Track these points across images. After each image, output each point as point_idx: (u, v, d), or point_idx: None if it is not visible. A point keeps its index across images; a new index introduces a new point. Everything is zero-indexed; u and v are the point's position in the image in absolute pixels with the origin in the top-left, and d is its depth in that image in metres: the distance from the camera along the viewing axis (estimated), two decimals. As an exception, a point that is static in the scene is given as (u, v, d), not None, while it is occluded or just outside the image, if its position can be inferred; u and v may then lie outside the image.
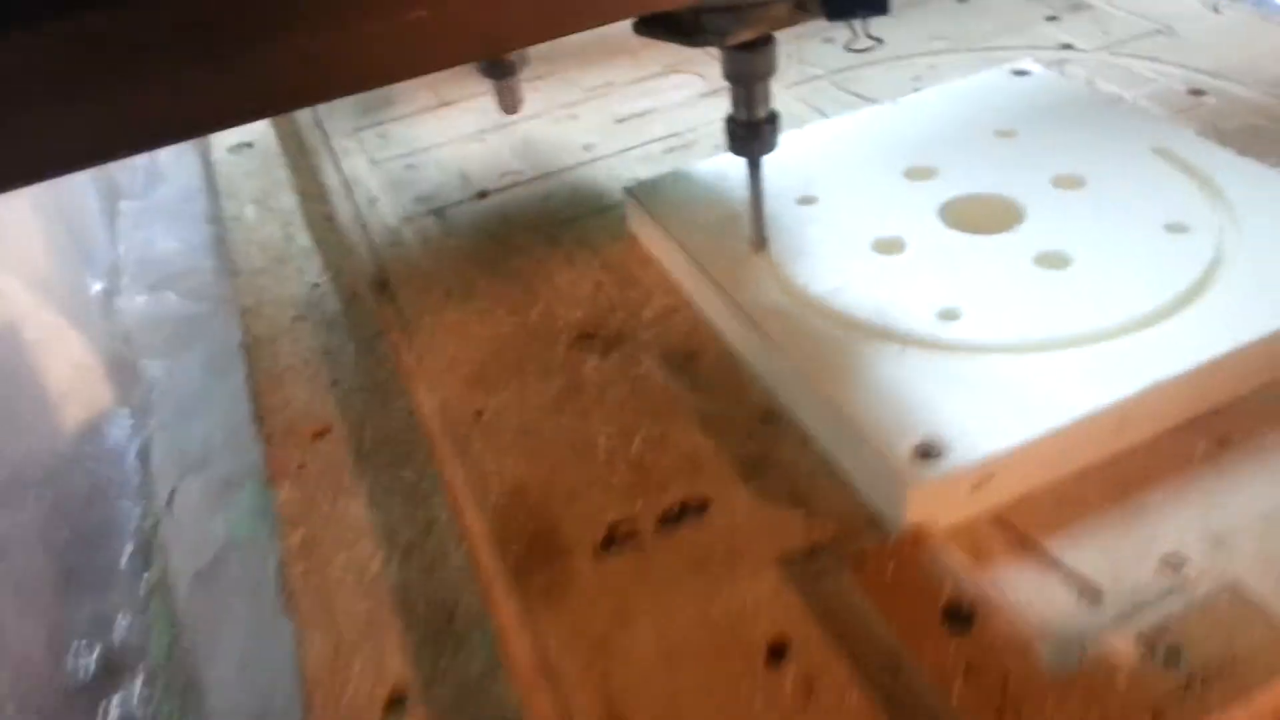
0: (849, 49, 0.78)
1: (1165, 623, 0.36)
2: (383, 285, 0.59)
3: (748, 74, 0.48)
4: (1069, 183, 0.53)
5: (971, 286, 0.48)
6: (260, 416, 0.52)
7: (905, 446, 0.40)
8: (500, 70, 0.48)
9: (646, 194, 0.58)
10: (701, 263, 0.52)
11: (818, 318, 0.47)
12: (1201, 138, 0.56)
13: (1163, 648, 0.35)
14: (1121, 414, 0.42)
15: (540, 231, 0.62)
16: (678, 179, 0.59)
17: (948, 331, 0.45)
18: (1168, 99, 0.67)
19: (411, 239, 0.63)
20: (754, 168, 0.51)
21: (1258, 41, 0.73)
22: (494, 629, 0.40)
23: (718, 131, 0.68)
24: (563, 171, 0.68)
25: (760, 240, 0.53)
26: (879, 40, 0.77)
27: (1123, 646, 0.35)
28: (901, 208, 0.53)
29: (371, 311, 0.58)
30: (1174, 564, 0.38)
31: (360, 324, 0.58)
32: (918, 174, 0.56)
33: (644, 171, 0.66)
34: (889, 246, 0.51)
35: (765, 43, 0.47)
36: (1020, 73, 0.65)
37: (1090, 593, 0.38)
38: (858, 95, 0.72)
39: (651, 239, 0.58)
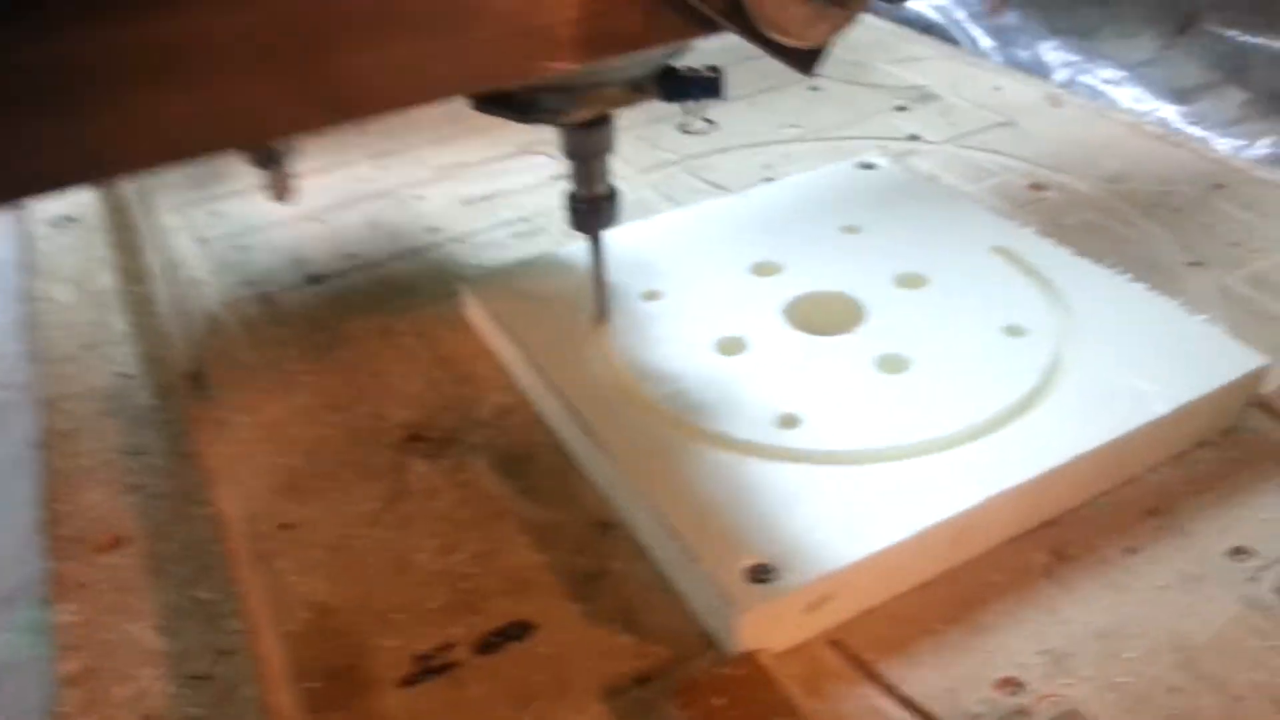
0: (683, 130, 0.77)
1: (1001, 756, 0.34)
2: (197, 378, 0.55)
3: (586, 152, 0.48)
4: (911, 281, 0.53)
5: (812, 391, 0.46)
6: (48, 524, 0.48)
7: (737, 568, 0.38)
8: (266, 159, 0.44)
9: (484, 286, 0.56)
10: (537, 361, 0.49)
11: (655, 423, 0.45)
12: (1041, 237, 0.57)
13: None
14: (959, 528, 0.40)
15: (374, 321, 0.59)
16: (517, 271, 0.57)
17: (787, 439, 0.44)
18: (1010, 193, 0.68)
19: (234, 327, 0.59)
20: (595, 243, 0.50)
21: (1095, 135, 0.75)
22: (287, 777, 0.36)
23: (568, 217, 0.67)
24: (405, 256, 0.65)
25: (602, 316, 0.51)
26: (713, 123, 0.77)
27: (957, 785, 0.33)
28: (746, 306, 0.52)
29: (184, 407, 0.54)
30: (1012, 689, 0.37)
31: (171, 421, 0.54)
32: (764, 270, 0.55)
33: (489, 257, 0.64)
34: (731, 347, 0.49)
35: (603, 121, 0.46)
36: (867, 165, 0.65)
37: (926, 722, 0.36)
38: (710, 183, 0.71)
39: (489, 333, 0.55)
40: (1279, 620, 0.39)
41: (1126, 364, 0.46)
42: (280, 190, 0.45)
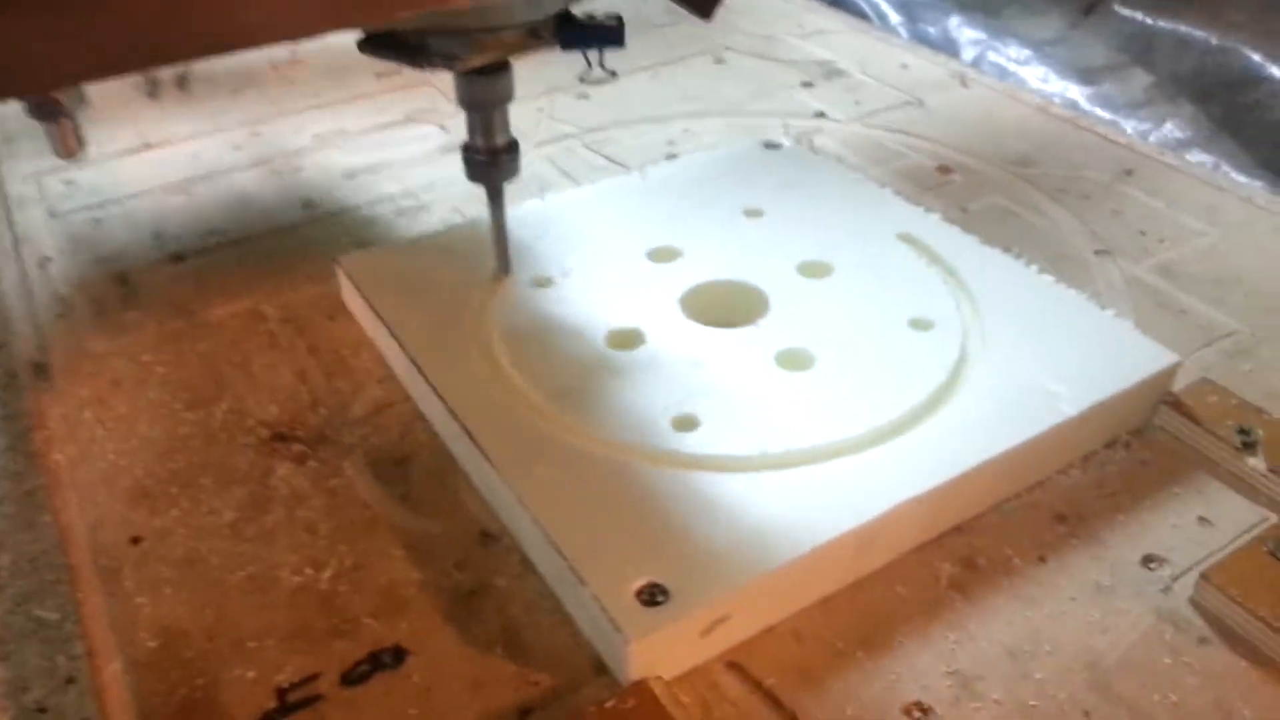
0: (582, 80, 0.75)
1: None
2: (41, 369, 0.50)
3: (484, 100, 0.45)
4: (814, 270, 0.50)
5: (710, 390, 0.43)
6: None
7: (627, 590, 0.35)
8: (47, 111, 0.39)
9: (361, 268, 0.51)
10: (414, 354, 0.45)
11: (540, 424, 0.42)
12: (948, 224, 0.54)
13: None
14: (864, 538, 0.38)
15: (240, 305, 0.54)
16: (398, 252, 0.53)
17: (682, 444, 0.41)
18: (917, 175, 0.66)
19: (84, 311, 0.54)
20: (495, 195, 0.48)
21: (1003, 116, 0.74)
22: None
23: (457, 193, 0.63)
24: (277, 233, 0.61)
25: (504, 268, 0.50)
26: (613, 73, 0.74)
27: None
28: (641, 295, 0.49)
29: (27, 401, 0.49)
30: (918, 715, 0.35)
31: (13, 418, 0.49)
32: (661, 255, 0.52)
33: (370, 235, 0.60)
34: (625, 340, 0.46)
35: (501, 68, 0.44)
36: (772, 145, 0.62)
37: (828, 754, 0.34)
38: (609, 159, 0.68)
39: (366, 320, 0.51)
40: (1192, 635, 0.37)
41: (1035, 362, 0.45)
42: (69, 144, 0.40)
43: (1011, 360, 0.45)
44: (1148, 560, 0.40)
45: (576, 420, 0.42)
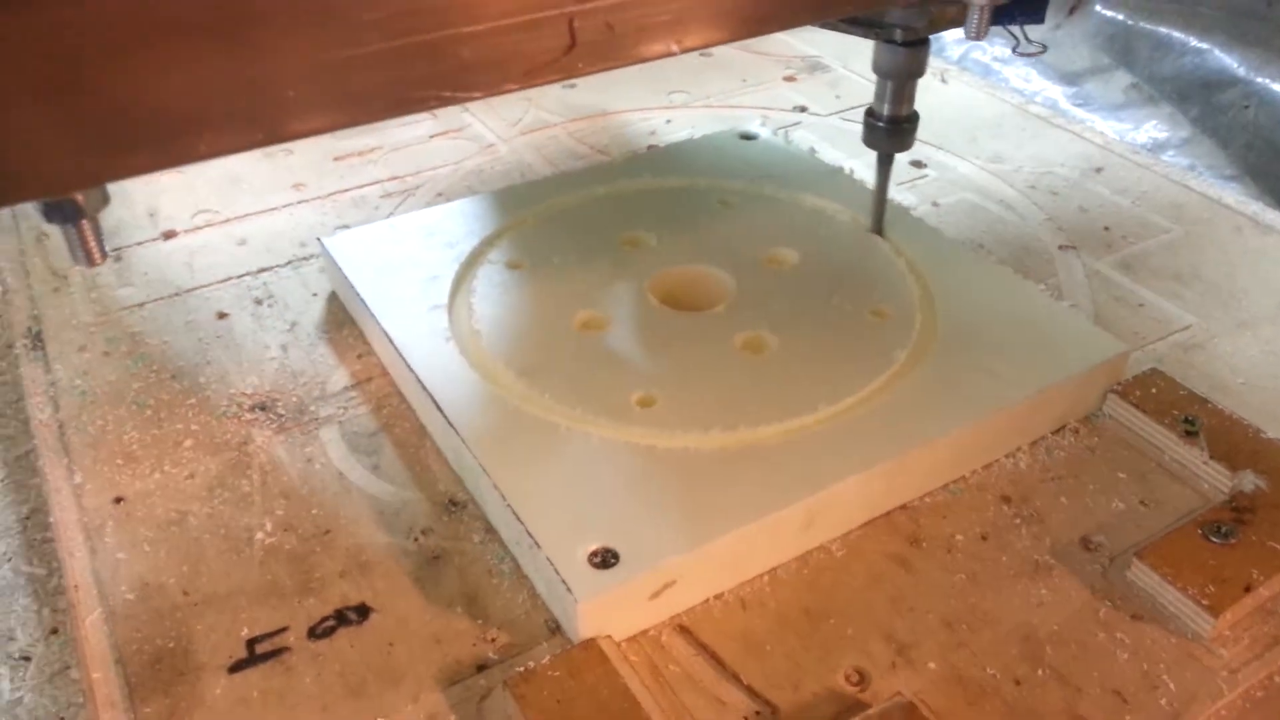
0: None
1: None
2: (36, 339, 0.52)
3: (904, 71, 0.48)
4: (780, 260, 0.52)
5: (671, 370, 0.45)
6: None
7: (580, 554, 0.37)
8: (62, 213, 0.31)
9: (342, 248, 0.53)
10: (390, 330, 0.47)
11: (507, 398, 0.44)
12: (916, 217, 0.56)
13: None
14: (809, 513, 0.40)
15: (229, 281, 0.56)
16: (378, 233, 0.54)
17: (641, 420, 0.43)
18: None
19: (78, 284, 0.56)
20: (884, 161, 0.52)
21: (980, 114, 0.75)
22: (98, 767, 0.34)
23: (443, 177, 0.65)
24: (266, 213, 0.62)
25: (878, 229, 0.54)
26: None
27: (791, 778, 0.33)
28: (611, 279, 0.51)
29: (20, 371, 0.51)
30: (855, 679, 0.37)
31: (10, 383, 0.51)
32: (632, 241, 0.53)
33: (356, 218, 0.62)
34: (593, 322, 0.48)
35: (923, 42, 0.47)
36: (747, 136, 0.64)
37: (766, 711, 0.36)
38: (592, 147, 0.70)
39: (347, 298, 0.53)
40: (1125, 611, 0.39)
41: (987, 349, 0.46)
42: (84, 250, 0.32)
43: (966, 348, 0.47)
44: (1087, 541, 0.42)
45: (541, 396, 0.44)
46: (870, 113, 0.51)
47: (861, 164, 0.68)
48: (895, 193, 0.63)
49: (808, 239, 0.53)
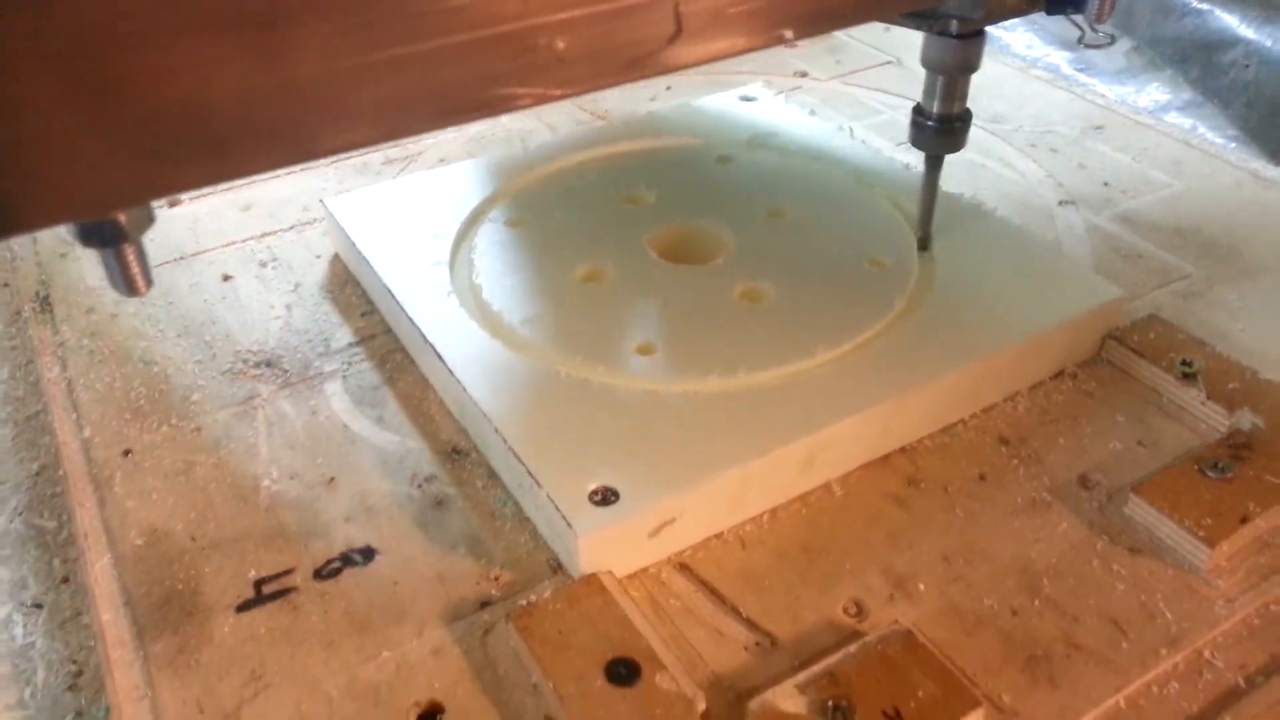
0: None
1: (837, 674, 0.34)
2: (45, 302, 0.52)
3: (955, 65, 0.44)
4: (778, 214, 0.52)
5: (671, 320, 0.46)
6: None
7: (581, 492, 0.37)
8: (102, 236, 0.29)
9: (345, 210, 0.54)
10: (392, 287, 0.48)
11: (510, 348, 0.44)
12: (915, 174, 0.56)
13: (832, 702, 0.33)
14: (807, 453, 0.40)
15: (233, 245, 0.57)
16: (380, 195, 0.55)
17: (640, 366, 0.43)
18: (891, 131, 0.68)
19: (85, 250, 0.56)
20: (934, 163, 0.48)
21: (982, 77, 0.74)
22: (111, 701, 0.35)
23: (444, 144, 0.65)
24: (269, 180, 0.63)
25: (924, 242, 0.50)
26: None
27: (791, 705, 0.33)
28: (612, 234, 0.51)
29: (30, 333, 0.51)
30: (854, 611, 0.37)
31: (20, 347, 0.51)
32: (633, 199, 0.54)
33: (358, 182, 0.62)
34: (593, 275, 0.48)
35: (979, 35, 0.43)
36: (747, 99, 0.64)
37: (765, 642, 0.36)
38: (592, 113, 0.70)
39: (350, 258, 0.53)
40: (1122, 545, 0.39)
41: (985, 294, 0.47)
42: (126, 277, 0.30)
43: (964, 294, 0.47)
44: (1085, 479, 0.42)
45: (541, 345, 0.44)
46: (918, 110, 0.47)
47: (865, 126, 0.68)
48: (895, 153, 0.63)
49: (806, 195, 0.54)
